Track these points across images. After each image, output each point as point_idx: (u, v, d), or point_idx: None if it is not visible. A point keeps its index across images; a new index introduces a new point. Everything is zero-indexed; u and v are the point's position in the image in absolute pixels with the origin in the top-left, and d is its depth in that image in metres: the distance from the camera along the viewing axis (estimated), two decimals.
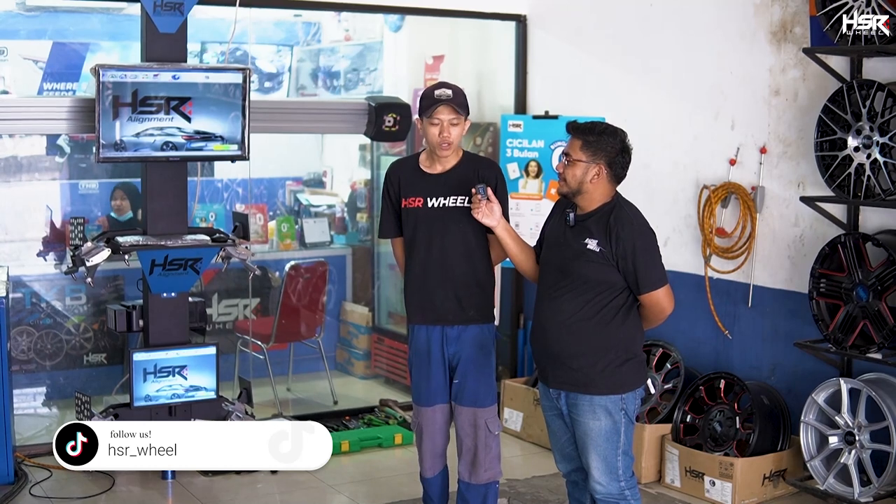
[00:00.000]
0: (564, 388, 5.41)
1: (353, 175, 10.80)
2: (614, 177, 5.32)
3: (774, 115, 7.35)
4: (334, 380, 9.54)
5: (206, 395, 7.49)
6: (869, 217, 6.84)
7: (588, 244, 5.28)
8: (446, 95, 5.78)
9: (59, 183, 9.45)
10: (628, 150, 5.34)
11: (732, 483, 6.95)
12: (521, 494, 7.23)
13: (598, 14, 8.68)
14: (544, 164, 8.54)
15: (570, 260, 5.35)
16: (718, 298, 7.75)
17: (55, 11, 9.52)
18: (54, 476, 7.38)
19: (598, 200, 5.34)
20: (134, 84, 6.98)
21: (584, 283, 5.30)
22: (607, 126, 5.36)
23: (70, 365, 8.92)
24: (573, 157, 5.31)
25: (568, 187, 5.35)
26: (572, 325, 5.32)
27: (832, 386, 6.73)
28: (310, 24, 11.38)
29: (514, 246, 5.75)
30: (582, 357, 5.31)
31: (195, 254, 7.24)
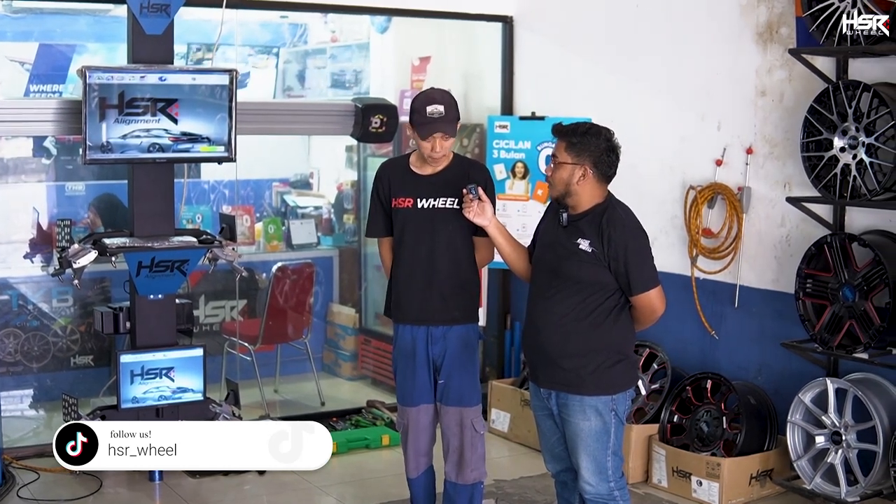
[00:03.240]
0: (555, 387, 5.42)
1: (340, 176, 10.80)
2: (602, 176, 5.32)
3: (761, 115, 7.36)
4: (321, 381, 9.54)
5: (193, 397, 7.48)
6: (855, 217, 6.86)
7: (580, 244, 5.28)
8: (439, 113, 5.74)
9: (45, 185, 9.43)
10: (615, 149, 5.33)
11: (719, 483, 6.96)
12: (508, 495, 7.24)
13: (584, 15, 8.69)
14: (531, 165, 8.55)
15: (563, 260, 5.36)
16: (705, 299, 7.76)
17: (41, 13, 9.49)
18: (42, 478, 7.37)
19: (589, 201, 5.34)
20: (120, 86, 6.96)
21: (575, 284, 5.31)
22: (591, 126, 5.36)
23: (57, 367, 8.90)
24: (559, 160, 5.33)
25: (556, 191, 5.37)
26: (564, 325, 5.33)
27: (819, 386, 6.75)
28: (296, 25, 11.38)
29: (506, 245, 5.75)
30: (573, 357, 5.32)
31: (182, 255, 7.23)
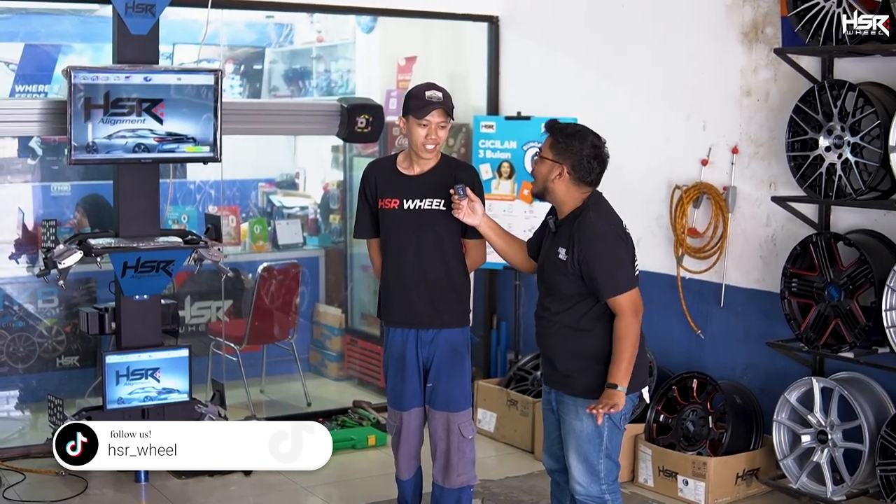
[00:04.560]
0: (553, 386, 5.49)
1: (326, 176, 10.79)
2: (578, 180, 5.31)
3: (746, 115, 7.37)
4: (307, 381, 9.52)
5: (178, 398, 7.47)
6: (840, 217, 6.87)
7: (559, 254, 5.32)
8: (437, 98, 5.75)
9: (31, 185, 9.40)
10: (601, 157, 5.33)
11: (705, 482, 6.97)
12: (494, 495, 7.24)
13: (570, 15, 8.70)
14: (517, 164, 8.56)
15: (550, 272, 5.41)
16: (691, 298, 7.77)
17: (27, 13, 9.47)
18: (28, 479, 7.34)
19: (566, 202, 5.36)
20: (106, 86, 6.95)
21: (562, 295, 5.36)
22: (581, 129, 5.37)
23: (42, 368, 8.87)
24: (542, 154, 5.37)
25: (536, 185, 5.44)
26: (558, 332, 5.39)
27: (804, 385, 6.76)
28: (282, 25, 11.37)
29: (500, 241, 5.76)
30: (567, 362, 5.37)
31: (167, 256, 7.21)
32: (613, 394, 5.20)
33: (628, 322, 5.24)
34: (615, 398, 5.19)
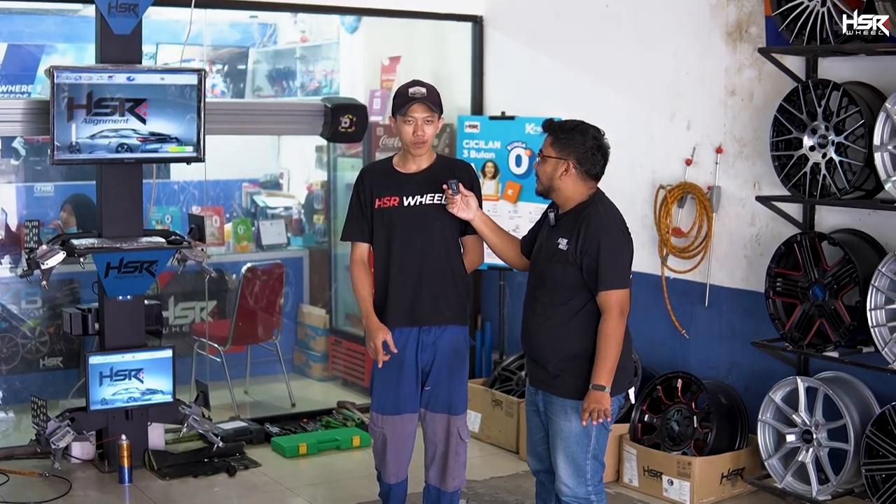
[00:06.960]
0: (541, 386, 5.47)
1: (310, 177, 10.76)
2: (585, 174, 5.35)
3: (730, 115, 7.38)
4: (292, 382, 9.51)
5: (162, 399, 7.47)
6: (825, 216, 6.88)
7: (559, 244, 5.31)
8: (420, 94, 5.73)
9: (14, 186, 9.38)
10: (602, 148, 5.37)
11: (690, 482, 6.97)
12: (479, 495, 7.23)
13: (554, 15, 8.69)
14: (501, 164, 8.55)
15: (546, 263, 5.39)
16: (675, 298, 7.77)
17: (9, 13, 9.44)
18: (11, 481, 7.32)
19: (573, 198, 5.37)
20: (89, 86, 6.94)
21: (557, 286, 5.34)
22: (580, 123, 5.40)
23: (26, 369, 8.85)
24: (544, 153, 5.38)
25: (540, 184, 5.44)
26: (548, 329, 5.36)
27: (789, 385, 6.76)
28: (266, 25, 11.36)
29: (493, 236, 5.77)
30: (557, 361, 5.35)
31: (151, 256, 7.20)
32: (600, 396, 5.19)
33: (614, 321, 5.23)
34: (602, 401, 5.19)
